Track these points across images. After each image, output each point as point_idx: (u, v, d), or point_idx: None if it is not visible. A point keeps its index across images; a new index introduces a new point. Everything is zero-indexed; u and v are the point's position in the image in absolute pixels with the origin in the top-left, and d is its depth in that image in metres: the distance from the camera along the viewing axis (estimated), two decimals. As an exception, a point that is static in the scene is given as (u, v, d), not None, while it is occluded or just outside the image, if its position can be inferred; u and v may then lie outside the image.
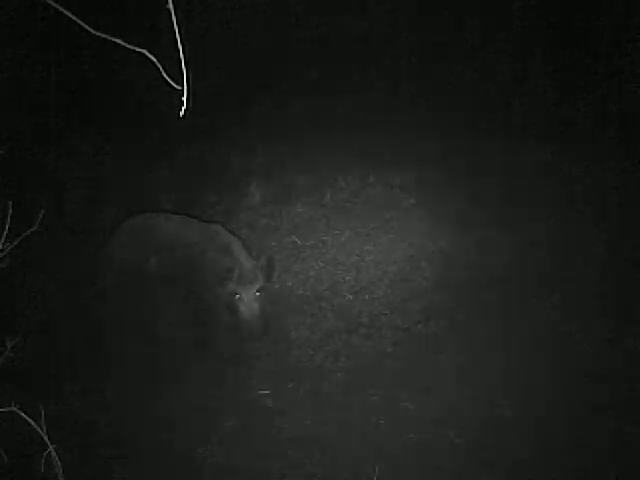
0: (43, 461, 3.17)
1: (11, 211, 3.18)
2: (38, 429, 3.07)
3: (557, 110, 8.04)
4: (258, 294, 5.43)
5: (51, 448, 3.10)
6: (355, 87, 8.54)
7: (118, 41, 2.21)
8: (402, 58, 8.74)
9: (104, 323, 5.83)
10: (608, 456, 4.72)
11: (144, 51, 2.22)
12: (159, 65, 2.22)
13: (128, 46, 2.21)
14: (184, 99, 2.16)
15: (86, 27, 2.20)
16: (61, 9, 2.23)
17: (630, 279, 6.15)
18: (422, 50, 8.69)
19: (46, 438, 3.09)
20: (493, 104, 8.18)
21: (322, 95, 8.45)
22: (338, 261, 6.70)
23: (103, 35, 2.22)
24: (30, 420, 3.07)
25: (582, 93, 8.09)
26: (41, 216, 3.27)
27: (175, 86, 2.19)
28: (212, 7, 8.68)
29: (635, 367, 5.35)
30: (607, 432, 4.87)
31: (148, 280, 5.62)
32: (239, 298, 5.40)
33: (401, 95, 8.41)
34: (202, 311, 5.61)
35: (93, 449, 4.92)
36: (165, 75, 2.21)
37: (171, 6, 2.12)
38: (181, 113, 2.17)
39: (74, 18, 2.19)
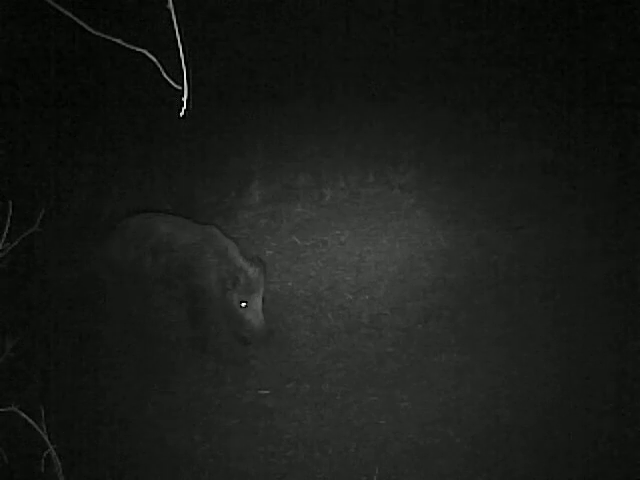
0: (43, 461, 3.17)
1: (11, 211, 3.18)
2: (38, 429, 3.07)
3: (557, 110, 8.04)
4: (261, 300, 5.51)
5: (51, 448, 3.10)
6: (355, 87, 8.54)
7: (118, 41, 2.21)
8: (402, 58, 8.73)
9: (103, 323, 5.84)
10: (609, 457, 4.72)
11: (144, 51, 2.21)
12: (159, 65, 2.21)
13: (128, 46, 2.21)
14: (184, 99, 2.16)
15: (86, 27, 2.20)
16: (61, 9, 2.22)
17: (630, 279, 6.14)
18: (422, 50, 8.68)
19: (46, 438, 3.09)
20: (493, 104, 8.17)
21: (322, 95, 8.45)
22: (338, 261, 6.70)
23: (103, 35, 2.22)
24: (30, 420, 3.07)
25: (582, 93, 8.09)
26: (41, 216, 3.27)
27: (175, 86, 2.19)
28: (212, 7, 8.67)
29: (637, 368, 5.34)
30: (608, 433, 4.87)
31: (144, 280, 5.64)
32: (246, 306, 5.45)
33: (401, 95, 8.40)
34: (200, 312, 5.63)
35: (93, 449, 4.92)
36: (165, 75, 2.21)
37: (171, 6, 2.12)
38: (181, 113, 2.17)
39: (74, 18, 2.19)
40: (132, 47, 2.21)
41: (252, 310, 5.48)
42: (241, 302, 5.46)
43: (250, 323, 5.49)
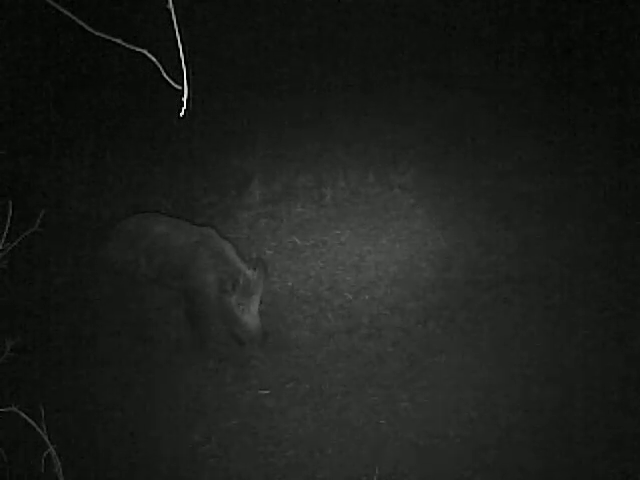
0: (43, 461, 3.17)
1: (11, 211, 3.18)
2: (38, 429, 3.07)
3: (557, 110, 8.04)
4: (259, 304, 5.52)
5: (51, 448, 3.10)
6: (355, 87, 8.54)
7: (118, 41, 2.21)
8: (402, 59, 8.74)
9: (103, 323, 5.85)
10: (609, 457, 4.72)
11: (144, 51, 2.21)
12: (159, 65, 2.21)
13: (128, 46, 2.21)
14: (184, 99, 2.16)
15: (86, 27, 2.20)
16: (61, 9, 2.22)
17: (630, 279, 6.14)
18: (423, 50, 8.69)
19: (46, 438, 3.09)
20: (493, 104, 8.18)
21: (322, 95, 8.45)
22: (338, 261, 6.70)
23: (103, 35, 2.22)
24: (30, 420, 3.07)
25: (582, 93, 8.09)
26: (41, 216, 3.27)
27: (175, 86, 2.19)
28: (212, 7, 8.68)
29: (637, 367, 5.34)
30: (609, 433, 4.87)
31: (140, 281, 5.65)
32: (243, 309, 5.47)
33: (401, 95, 8.41)
34: (197, 314, 5.63)
35: (93, 449, 4.93)
36: (165, 75, 2.21)
37: (171, 6, 2.12)
38: (181, 113, 2.17)
39: (74, 18, 2.19)
40: (132, 47, 2.21)
41: (249, 312, 5.49)
42: (238, 304, 5.48)
43: (247, 325, 5.50)
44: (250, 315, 5.50)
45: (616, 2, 8.36)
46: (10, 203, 3.24)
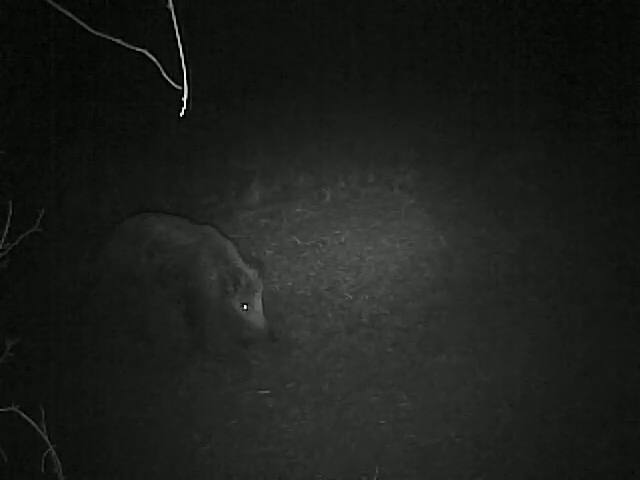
0: (43, 461, 3.16)
1: (11, 211, 3.18)
2: (38, 429, 3.07)
3: (557, 109, 8.04)
4: (261, 301, 5.52)
5: (51, 448, 3.10)
6: (355, 87, 8.53)
7: (118, 41, 2.21)
8: (402, 58, 8.73)
9: (103, 323, 5.85)
10: (609, 458, 4.72)
11: (144, 51, 2.21)
12: (159, 65, 2.22)
13: (128, 46, 2.21)
14: (184, 99, 2.16)
15: (86, 27, 2.20)
16: (61, 9, 2.23)
17: (630, 279, 6.14)
18: (422, 50, 8.68)
19: (46, 438, 3.08)
20: (493, 104, 8.17)
21: (322, 95, 8.45)
22: (338, 261, 6.70)
23: (103, 35, 2.22)
24: (30, 420, 3.06)
25: (582, 93, 8.09)
26: (41, 216, 3.27)
27: (175, 86, 2.19)
28: (212, 7, 8.67)
29: (637, 367, 5.34)
30: (608, 433, 4.87)
31: (141, 281, 5.65)
32: (247, 308, 5.46)
33: (401, 95, 8.40)
34: (197, 314, 5.63)
35: (93, 449, 4.93)
36: (165, 75, 2.21)
37: (171, 6, 2.12)
38: (181, 113, 2.17)
39: (74, 18, 2.19)
40: (132, 47, 2.21)
41: (254, 312, 5.50)
42: (242, 304, 5.48)
43: (254, 325, 5.50)
44: (255, 314, 5.50)
45: (617, 2, 8.35)
46: (10, 203, 3.24)
